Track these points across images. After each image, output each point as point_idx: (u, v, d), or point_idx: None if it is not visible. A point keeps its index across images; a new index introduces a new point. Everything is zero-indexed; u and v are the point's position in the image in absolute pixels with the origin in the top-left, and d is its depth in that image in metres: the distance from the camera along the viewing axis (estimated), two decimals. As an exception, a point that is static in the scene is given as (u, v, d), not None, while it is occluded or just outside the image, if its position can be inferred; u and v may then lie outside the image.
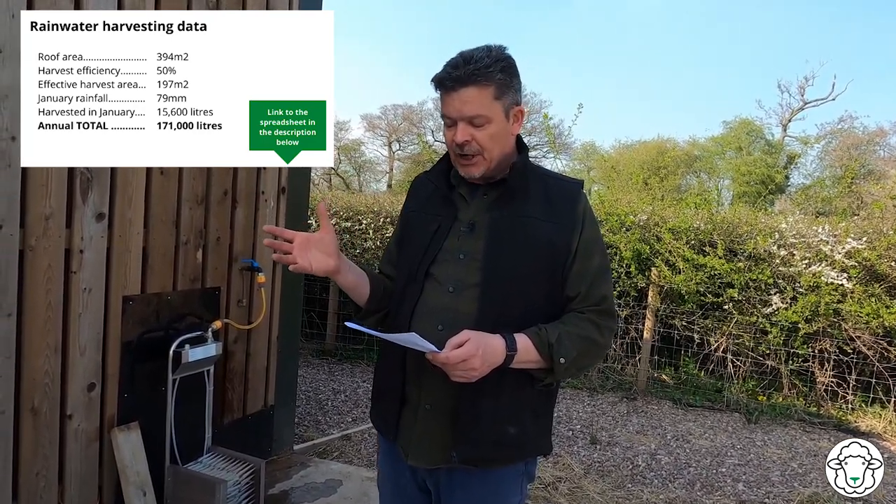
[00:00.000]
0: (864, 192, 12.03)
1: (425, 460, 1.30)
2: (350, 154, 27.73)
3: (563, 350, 1.21)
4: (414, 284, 1.31)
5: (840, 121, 21.55)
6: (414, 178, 1.51)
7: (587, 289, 1.28)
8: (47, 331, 2.01)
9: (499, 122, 1.25)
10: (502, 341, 1.18)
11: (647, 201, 6.20)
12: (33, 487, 2.02)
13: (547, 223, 1.28)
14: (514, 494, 1.34)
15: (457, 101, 1.22)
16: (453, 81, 1.21)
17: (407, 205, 1.47)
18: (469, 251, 1.28)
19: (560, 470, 3.44)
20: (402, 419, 1.32)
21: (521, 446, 1.30)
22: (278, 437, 3.18)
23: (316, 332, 6.07)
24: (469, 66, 1.20)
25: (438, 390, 1.25)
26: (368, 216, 6.11)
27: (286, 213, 3.03)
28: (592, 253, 1.30)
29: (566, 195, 1.32)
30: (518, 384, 1.26)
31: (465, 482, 1.30)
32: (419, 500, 1.38)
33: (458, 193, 1.35)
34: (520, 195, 1.30)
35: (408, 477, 1.37)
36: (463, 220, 1.32)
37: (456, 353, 1.12)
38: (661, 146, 21.33)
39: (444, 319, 1.26)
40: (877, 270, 4.71)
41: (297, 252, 1.23)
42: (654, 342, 5.20)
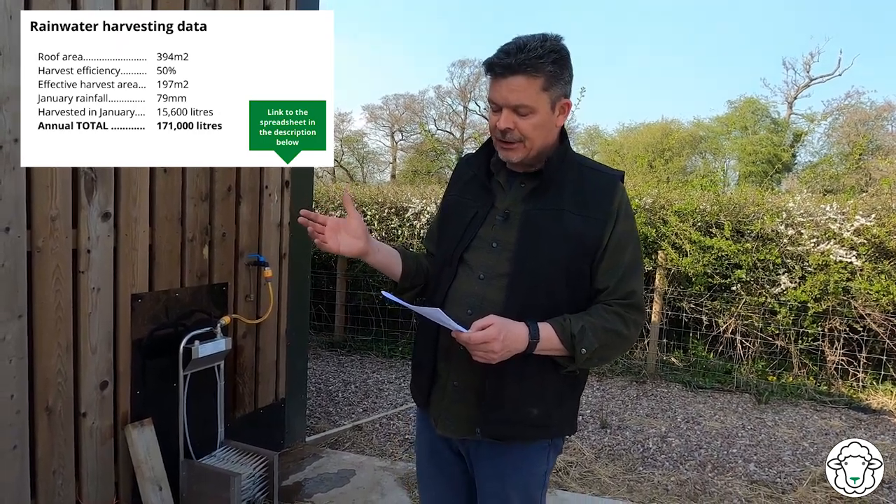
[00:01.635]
0: (872, 168, 11.91)
1: (452, 432, 1.37)
2: (353, 145, 27.70)
3: (586, 341, 1.24)
4: (448, 269, 1.37)
5: (847, 96, 21.29)
6: (458, 161, 1.55)
7: (616, 283, 1.30)
8: (58, 331, 2.03)
9: (544, 114, 1.26)
10: (525, 329, 1.22)
11: (652, 184, 6.17)
12: (51, 485, 2.06)
13: (579, 216, 1.29)
14: (541, 464, 1.41)
15: (504, 89, 1.23)
16: (503, 68, 1.22)
17: (449, 188, 1.51)
18: (502, 240, 1.32)
19: (571, 454, 3.46)
20: (433, 392, 1.39)
21: (545, 427, 1.35)
22: (290, 429, 3.21)
23: (324, 324, 6.09)
24: (521, 54, 1.21)
25: (466, 369, 1.31)
26: (373, 207, 6.11)
27: (290, 208, 3.03)
28: (625, 247, 1.31)
29: (602, 188, 1.33)
30: (543, 368, 1.30)
31: (492, 452, 1.37)
32: (453, 462, 1.46)
33: (497, 181, 1.38)
34: (555, 187, 1.32)
35: (443, 441, 1.45)
36: (499, 208, 1.35)
37: (477, 334, 1.17)
38: (665, 128, 21.14)
39: (473, 305, 1.31)
40: (886, 247, 4.66)
41: (328, 234, 1.29)
42: (662, 325, 5.19)
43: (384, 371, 5.06)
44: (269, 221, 2.91)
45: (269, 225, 2.91)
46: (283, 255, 3.03)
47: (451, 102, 28.61)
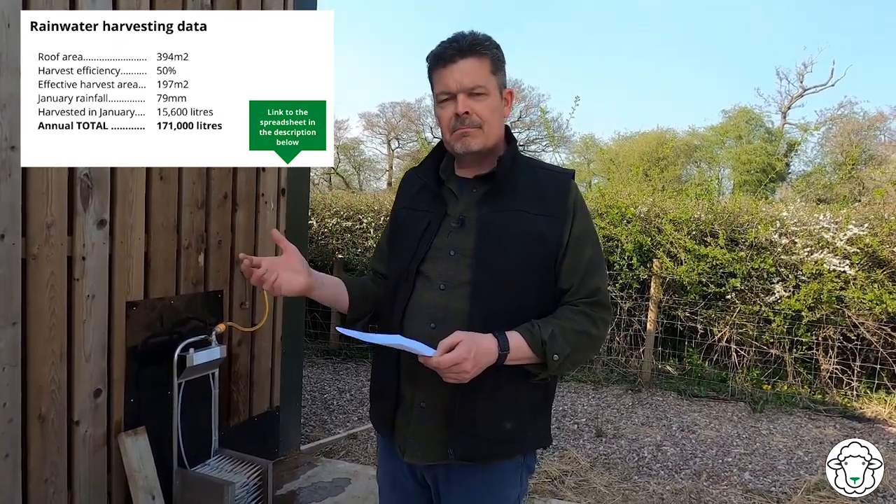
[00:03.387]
0: (865, 178, 12.00)
1: (421, 457, 1.30)
2: (349, 153, 27.71)
3: (557, 347, 1.20)
4: (405, 283, 1.31)
5: (840, 106, 21.44)
6: (403, 175, 1.51)
7: (580, 281, 1.27)
8: (52, 338, 2.02)
9: (495, 97, 1.27)
10: (494, 341, 1.18)
11: (647, 193, 6.19)
12: (43, 494, 2.04)
13: (538, 217, 1.27)
14: (513, 487, 1.34)
15: (456, 73, 1.24)
16: (454, 51, 1.24)
17: (396, 202, 1.46)
18: (459, 247, 1.28)
19: (566, 463, 3.45)
20: (398, 418, 1.32)
21: (519, 441, 1.30)
22: (285, 437, 3.20)
23: (320, 332, 6.08)
24: (467, 39, 1.25)
25: (433, 389, 1.25)
26: (369, 215, 6.11)
27: (287, 215, 3.03)
28: (584, 245, 1.29)
29: (557, 187, 1.31)
30: (513, 380, 1.25)
31: (462, 477, 1.31)
32: (418, 494, 1.38)
33: (448, 189, 1.35)
34: (509, 188, 1.29)
35: (405, 472, 1.37)
36: (453, 215, 1.31)
37: (448, 357, 1.12)
38: (660, 137, 21.25)
39: (436, 317, 1.26)
40: (879, 256, 4.70)
41: (268, 276, 1.21)
42: (657, 334, 5.20)
43: (379, 379, 5.04)
44: (265, 229, 2.91)
45: (265, 232, 2.91)
46: (278, 262, 3.02)
47: (447, 110, 28.66)
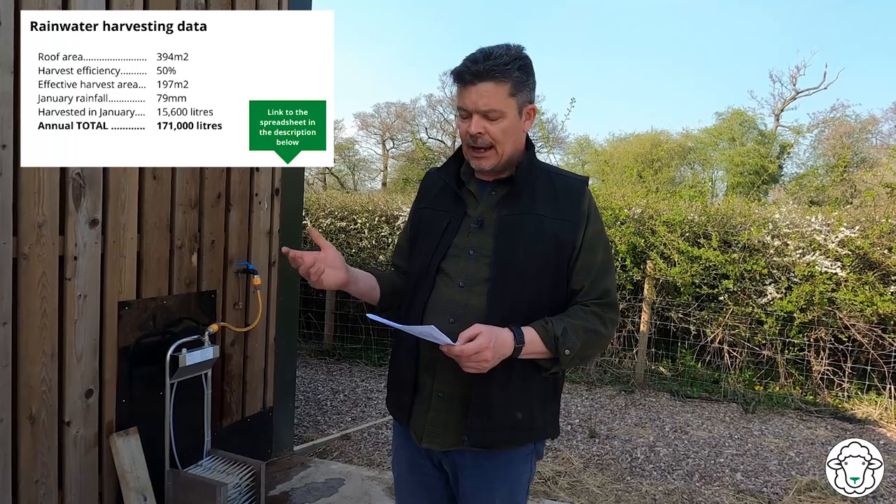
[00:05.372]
0: (857, 180, 12.09)
1: (438, 443, 1.37)
2: (344, 153, 27.67)
3: (569, 342, 1.27)
4: (426, 280, 1.37)
5: (832, 109, 21.65)
6: (425, 174, 1.55)
7: (591, 283, 1.34)
8: (43, 338, 2.01)
9: (512, 119, 1.30)
10: (511, 335, 1.24)
11: (641, 194, 6.21)
12: (33, 495, 2.03)
13: (553, 220, 1.33)
14: (524, 472, 1.42)
15: (473, 95, 1.27)
16: (472, 75, 1.26)
17: (419, 201, 1.51)
18: (479, 247, 1.34)
19: (559, 464, 3.46)
20: (415, 405, 1.39)
21: (530, 430, 1.37)
22: (278, 438, 3.19)
23: (313, 332, 6.06)
24: (488, 62, 1.25)
25: (451, 379, 1.32)
26: (363, 216, 6.10)
27: (281, 215, 3.03)
28: (596, 248, 1.36)
29: (572, 192, 1.37)
30: (525, 373, 1.32)
31: (477, 461, 1.38)
32: (435, 477, 1.46)
33: (468, 190, 1.40)
34: (527, 192, 1.35)
35: (423, 456, 1.44)
36: (472, 216, 1.37)
37: (469, 345, 1.18)
38: (654, 138, 21.34)
39: (455, 313, 1.32)
40: (870, 258, 4.73)
41: (314, 269, 1.27)
42: (650, 335, 5.22)
43: (373, 380, 5.04)
44: (258, 229, 2.90)
45: (259, 232, 2.91)
46: (272, 262, 3.02)
47: (442, 111, 28.67)
